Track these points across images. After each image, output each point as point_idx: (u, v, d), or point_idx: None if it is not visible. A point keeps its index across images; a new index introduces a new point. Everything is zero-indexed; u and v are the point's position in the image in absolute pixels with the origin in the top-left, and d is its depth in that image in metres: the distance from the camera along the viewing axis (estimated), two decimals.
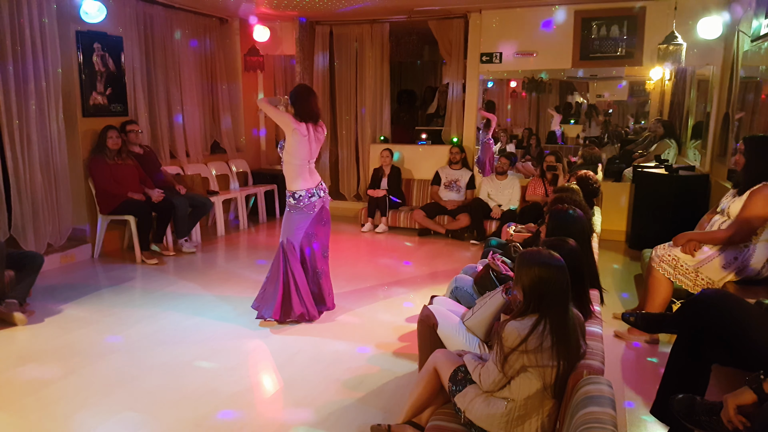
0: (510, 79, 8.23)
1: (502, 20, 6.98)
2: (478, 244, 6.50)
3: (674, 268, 3.72)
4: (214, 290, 4.88)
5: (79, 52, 5.62)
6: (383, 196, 7.23)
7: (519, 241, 4.01)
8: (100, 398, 3.09)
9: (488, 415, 2.14)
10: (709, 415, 2.01)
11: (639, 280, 5.02)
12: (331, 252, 4.43)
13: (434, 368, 2.41)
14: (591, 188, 4.57)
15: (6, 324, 4.03)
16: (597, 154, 7.72)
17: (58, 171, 5.48)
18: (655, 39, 6.05)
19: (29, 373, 3.39)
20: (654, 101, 8.14)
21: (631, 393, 3.18)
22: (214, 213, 6.97)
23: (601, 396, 1.69)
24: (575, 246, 2.54)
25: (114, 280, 5.19)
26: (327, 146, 8.41)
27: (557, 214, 3.02)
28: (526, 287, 2.11)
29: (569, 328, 2.06)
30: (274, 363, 3.56)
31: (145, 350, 3.71)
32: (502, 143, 8.47)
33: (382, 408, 2.99)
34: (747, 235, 3.51)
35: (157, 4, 6.51)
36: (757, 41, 4.72)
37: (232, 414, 2.95)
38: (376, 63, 7.87)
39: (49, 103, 5.30)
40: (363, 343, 3.83)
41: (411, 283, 5.16)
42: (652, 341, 3.84)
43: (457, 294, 3.41)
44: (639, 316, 3.11)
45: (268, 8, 7.06)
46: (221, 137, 7.77)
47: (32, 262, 4.29)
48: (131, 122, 5.97)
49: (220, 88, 7.64)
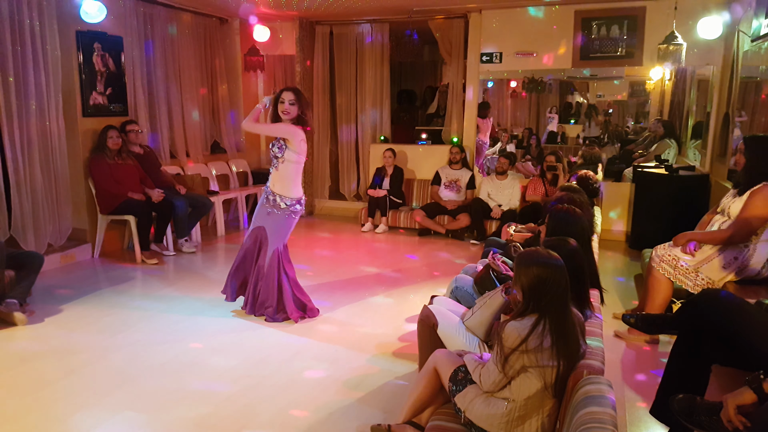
0: (510, 79, 8.23)
1: (502, 20, 6.98)
2: (478, 244, 6.50)
3: (674, 268, 3.72)
4: (214, 290, 4.87)
5: (79, 52, 5.62)
6: (383, 196, 7.23)
7: (519, 241, 4.01)
8: (100, 398, 3.09)
9: (488, 415, 2.14)
10: (709, 415, 2.01)
11: (639, 280, 5.01)
12: (331, 252, 4.45)
13: (434, 368, 2.41)
14: (591, 188, 4.57)
15: (6, 324, 4.03)
16: (597, 154, 7.72)
17: (58, 171, 5.48)
18: (655, 39, 6.05)
19: (29, 373, 3.39)
20: (654, 101, 8.14)
21: (631, 393, 3.18)
22: (214, 213, 6.97)
23: (601, 396, 1.69)
24: (576, 246, 2.54)
25: (114, 280, 5.19)
26: (327, 146, 8.42)
27: (558, 214, 3.02)
28: (525, 287, 2.11)
29: (569, 327, 2.06)
30: (274, 363, 3.55)
31: (145, 350, 3.71)
32: (502, 143, 8.47)
33: (382, 408, 2.99)
34: (747, 235, 3.51)
35: (157, 4, 6.51)
36: (757, 41, 4.72)
37: (232, 414, 2.95)
38: (376, 63, 7.87)
39: (49, 103, 5.30)
40: (363, 343, 3.83)
41: (411, 283, 5.16)
42: (652, 341, 3.84)
43: (457, 294, 3.41)
44: (639, 316, 3.11)
45: (268, 8, 7.06)
46: (221, 137, 7.78)
47: (32, 262, 4.29)
48: (131, 122, 5.97)
49: (220, 88, 7.65)
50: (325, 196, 8.48)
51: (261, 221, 4.14)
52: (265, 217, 4.11)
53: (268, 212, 4.08)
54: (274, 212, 4.06)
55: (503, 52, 7.02)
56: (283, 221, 4.09)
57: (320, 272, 5.43)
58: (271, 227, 4.10)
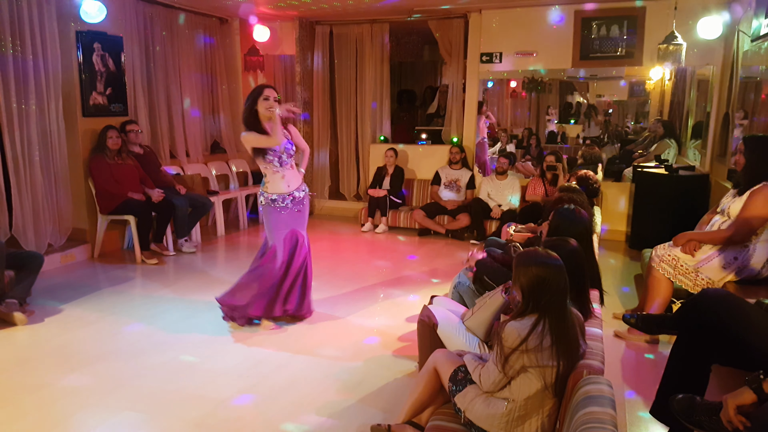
0: (510, 79, 8.23)
1: (502, 20, 6.98)
2: (478, 244, 6.49)
3: (674, 268, 3.72)
4: (214, 290, 4.85)
5: (79, 52, 5.62)
6: (383, 196, 7.23)
7: (519, 241, 4.01)
8: (99, 398, 3.09)
9: (488, 415, 2.14)
10: (708, 415, 2.01)
11: (639, 280, 5.01)
12: (331, 252, 4.45)
13: (434, 368, 2.41)
14: (591, 188, 4.57)
15: (6, 324, 4.03)
16: (597, 154, 7.71)
17: (58, 171, 5.48)
18: (655, 39, 6.05)
19: (29, 373, 3.39)
20: (654, 101, 8.14)
21: (631, 393, 3.18)
22: (214, 213, 6.97)
23: (601, 396, 1.69)
24: (576, 246, 2.54)
25: (114, 280, 5.19)
26: (327, 146, 8.42)
27: (561, 213, 3.02)
28: (524, 287, 2.11)
29: (569, 327, 2.06)
30: (274, 363, 3.55)
31: (145, 350, 3.71)
32: (502, 143, 8.47)
33: (382, 408, 2.99)
34: (747, 235, 3.51)
35: (157, 4, 6.51)
36: (757, 41, 4.72)
37: (232, 414, 2.95)
38: (376, 63, 7.87)
39: (49, 103, 5.31)
40: (362, 343, 3.83)
41: (411, 283, 5.16)
42: (652, 341, 3.84)
43: (459, 289, 3.42)
44: (639, 316, 3.11)
45: (268, 8, 7.06)
46: (221, 137, 7.78)
47: (32, 262, 4.29)
48: (131, 122, 5.97)
49: (220, 88, 7.65)
50: (325, 196, 8.48)
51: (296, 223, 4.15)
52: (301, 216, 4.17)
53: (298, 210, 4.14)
54: (280, 210, 4.07)
55: (503, 52, 7.03)
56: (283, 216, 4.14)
57: (320, 272, 5.42)
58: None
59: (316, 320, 4.24)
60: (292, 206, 4.10)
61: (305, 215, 4.21)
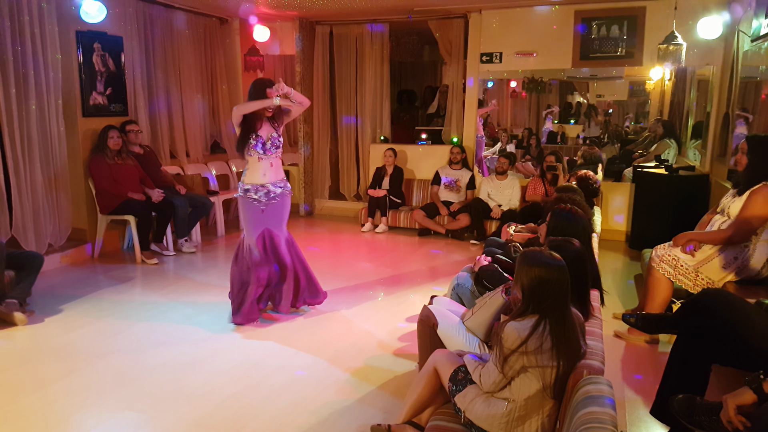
0: (510, 79, 8.23)
1: (502, 20, 6.98)
2: (478, 244, 6.50)
3: (674, 268, 3.72)
4: (214, 290, 4.87)
5: (79, 52, 5.62)
6: (383, 196, 7.23)
7: (519, 241, 4.01)
8: (100, 398, 3.09)
9: (488, 416, 2.14)
10: (708, 416, 2.01)
11: (639, 280, 5.01)
12: (331, 252, 4.46)
13: (434, 368, 2.41)
14: (591, 188, 4.57)
15: (6, 324, 4.03)
16: (597, 154, 7.71)
17: (58, 171, 5.48)
18: (655, 39, 6.05)
19: (29, 373, 3.39)
20: (654, 101, 8.14)
21: (631, 393, 3.18)
22: (214, 213, 6.97)
23: (601, 396, 1.69)
24: (580, 247, 2.53)
25: (114, 280, 5.19)
26: (327, 146, 8.42)
27: (559, 214, 3.02)
28: (525, 287, 2.11)
29: (569, 328, 2.06)
30: (273, 363, 3.55)
31: (145, 350, 3.71)
32: (502, 143, 8.47)
33: (382, 408, 2.99)
34: (747, 235, 3.51)
35: (157, 4, 6.51)
36: (757, 41, 4.72)
37: (232, 413, 2.95)
38: (376, 63, 7.87)
39: (49, 103, 5.30)
40: (363, 343, 3.83)
41: (411, 283, 5.16)
42: (652, 341, 3.84)
43: (458, 291, 3.42)
44: (639, 316, 3.11)
45: (268, 8, 7.06)
46: (221, 137, 7.77)
47: (32, 262, 4.29)
48: (131, 122, 5.97)
49: (220, 88, 7.64)
50: (325, 196, 8.48)
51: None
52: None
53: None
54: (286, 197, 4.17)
55: (503, 52, 7.03)
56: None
57: (320, 272, 5.41)
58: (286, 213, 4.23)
59: (317, 320, 4.24)
60: (265, 200, 4.06)
61: (282, 214, 4.17)
